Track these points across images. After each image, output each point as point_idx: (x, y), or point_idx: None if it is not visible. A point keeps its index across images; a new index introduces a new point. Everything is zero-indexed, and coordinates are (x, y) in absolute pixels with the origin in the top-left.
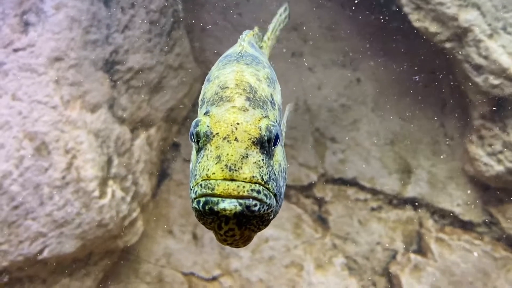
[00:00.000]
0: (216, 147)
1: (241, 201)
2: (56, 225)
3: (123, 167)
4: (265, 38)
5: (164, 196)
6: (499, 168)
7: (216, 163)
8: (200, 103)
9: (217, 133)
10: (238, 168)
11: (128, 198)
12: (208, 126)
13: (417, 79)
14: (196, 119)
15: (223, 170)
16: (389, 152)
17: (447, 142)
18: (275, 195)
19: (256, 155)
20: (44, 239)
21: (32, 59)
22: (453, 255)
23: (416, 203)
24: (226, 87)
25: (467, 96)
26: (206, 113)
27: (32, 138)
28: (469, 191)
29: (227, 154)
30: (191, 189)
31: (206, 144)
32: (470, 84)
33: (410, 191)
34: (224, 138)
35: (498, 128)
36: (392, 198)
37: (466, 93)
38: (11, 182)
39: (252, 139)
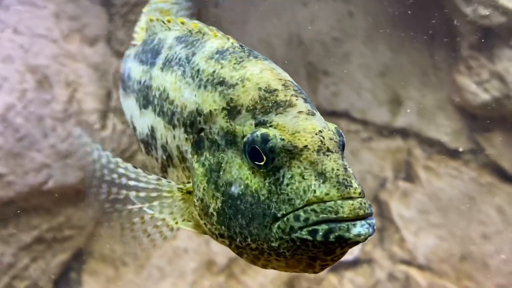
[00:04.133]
0: (311, 163)
1: (369, 221)
2: (60, 156)
3: None
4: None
5: None
6: (485, 96)
7: (323, 182)
8: (219, 112)
9: (305, 146)
10: (350, 183)
11: (129, 131)
12: (283, 139)
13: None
14: (259, 132)
15: (338, 189)
16: (380, 84)
17: (436, 73)
18: None
19: (347, 164)
20: (48, 170)
21: None
22: (440, 181)
23: (405, 133)
24: (274, 90)
25: (456, 27)
26: (262, 125)
27: (34, 71)
28: (456, 120)
29: (333, 169)
30: (281, 218)
31: (287, 161)
32: (459, 15)
33: (400, 122)
34: (318, 151)
35: (485, 58)
36: (382, 128)
37: (455, 24)
38: (15, 114)
39: (339, 147)
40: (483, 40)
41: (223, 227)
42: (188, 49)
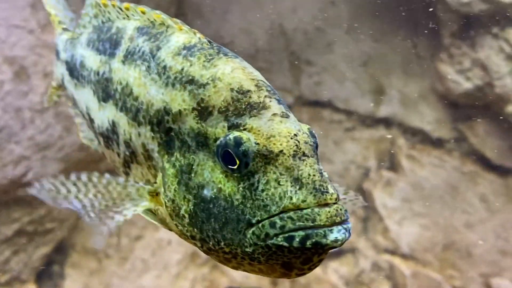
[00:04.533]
0: (287, 168)
1: (345, 226)
2: (39, 148)
3: None
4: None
5: None
6: (467, 85)
7: (299, 188)
8: (189, 112)
9: (281, 151)
10: (326, 189)
11: None
12: (257, 144)
13: None
14: (232, 136)
15: (315, 195)
16: (362, 74)
17: (419, 62)
18: None
19: (322, 168)
20: (27, 162)
21: None
22: (423, 170)
23: (388, 123)
24: (246, 91)
25: (438, 16)
26: (235, 127)
27: (11, 63)
28: (439, 109)
29: (309, 175)
30: (256, 224)
31: (262, 166)
32: (440, 3)
33: (383, 111)
34: (294, 156)
35: (467, 46)
36: (365, 118)
37: (436, 12)
38: None
39: (314, 150)
40: (464, 28)
41: (195, 229)
42: (152, 43)
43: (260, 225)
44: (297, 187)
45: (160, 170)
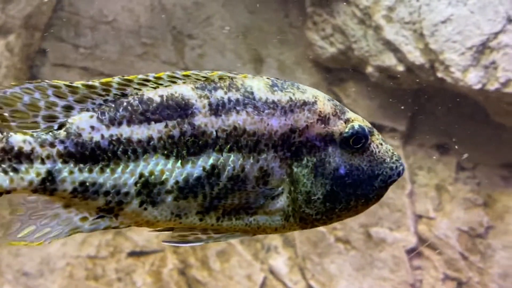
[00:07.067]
0: (378, 135)
1: None
2: None
3: None
4: None
5: None
6: (332, 50)
7: (385, 143)
8: (315, 123)
9: (373, 127)
10: None
11: None
12: (366, 126)
13: None
14: (357, 125)
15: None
16: (242, 44)
17: (292, 31)
18: None
19: None
20: None
21: None
22: None
23: None
24: (331, 98)
25: None
26: (349, 121)
27: None
28: (314, 74)
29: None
30: (381, 174)
31: (371, 138)
32: None
33: None
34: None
35: (326, 14)
36: None
37: None
38: None
39: None
40: None
41: (327, 203)
42: (236, 91)
43: (384, 172)
44: (385, 143)
45: (283, 179)
